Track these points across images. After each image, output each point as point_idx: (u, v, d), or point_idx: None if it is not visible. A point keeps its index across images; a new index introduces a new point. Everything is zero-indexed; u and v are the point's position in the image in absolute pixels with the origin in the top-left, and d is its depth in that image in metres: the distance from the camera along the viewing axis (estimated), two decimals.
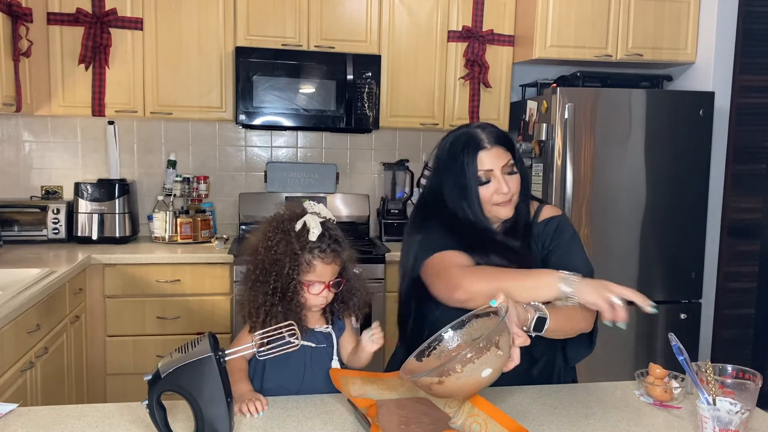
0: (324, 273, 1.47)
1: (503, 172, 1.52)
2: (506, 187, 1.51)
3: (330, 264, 1.48)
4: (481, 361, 1.15)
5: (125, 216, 3.29)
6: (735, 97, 3.35)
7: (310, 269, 1.46)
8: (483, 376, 1.16)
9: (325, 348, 1.54)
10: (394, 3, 3.36)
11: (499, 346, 1.15)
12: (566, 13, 3.31)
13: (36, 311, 2.27)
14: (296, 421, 1.32)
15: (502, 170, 1.52)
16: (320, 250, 1.46)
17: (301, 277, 1.46)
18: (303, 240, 1.45)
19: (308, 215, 1.48)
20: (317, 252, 1.46)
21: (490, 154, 1.52)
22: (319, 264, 1.46)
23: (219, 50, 3.23)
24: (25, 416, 1.31)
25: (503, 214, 1.55)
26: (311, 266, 1.46)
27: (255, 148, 3.67)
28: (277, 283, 1.45)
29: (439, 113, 3.48)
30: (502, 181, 1.52)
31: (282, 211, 1.54)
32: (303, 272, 1.46)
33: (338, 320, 1.58)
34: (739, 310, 3.43)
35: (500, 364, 1.17)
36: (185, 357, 1.15)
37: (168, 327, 3.01)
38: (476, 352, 1.14)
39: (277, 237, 1.46)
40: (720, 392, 1.30)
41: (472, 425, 1.27)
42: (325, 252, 1.46)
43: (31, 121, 3.39)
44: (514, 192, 1.54)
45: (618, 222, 3.20)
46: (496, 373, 1.17)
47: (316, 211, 1.51)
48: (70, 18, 3.07)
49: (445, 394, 1.21)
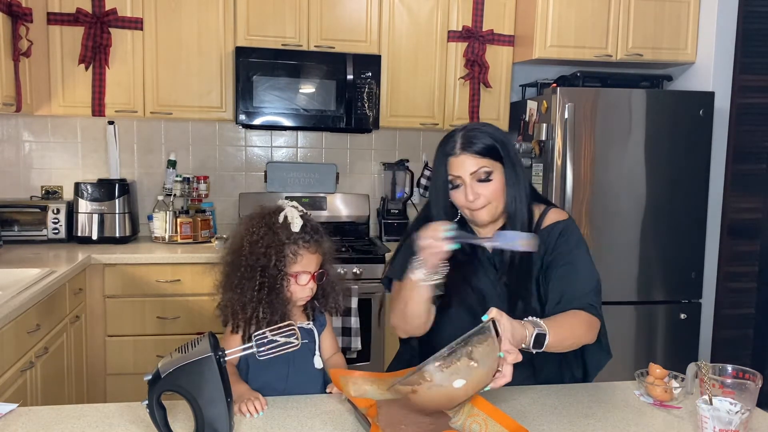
0: (309, 263, 1.50)
1: (474, 179, 1.49)
2: (471, 195, 1.49)
3: (314, 253, 1.51)
4: (451, 370, 1.14)
5: (125, 216, 3.29)
6: (735, 97, 3.35)
7: (297, 259, 1.48)
8: (455, 386, 1.15)
9: (307, 344, 1.55)
10: (394, 3, 3.36)
11: (473, 357, 1.15)
12: (566, 13, 3.31)
13: (36, 311, 2.27)
14: (296, 421, 1.32)
15: (471, 177, 1.49)
16: (304, 240, 1.49)
17: (288, 268, 1.48)
18: (287, 231, 1.48)
19: (288, 208, 1.51)
20: (302, 242, 1.49)
21: (458, 160, 1.50)
22: (305, 253, 1.49)
23: (219, 50, 3.23)
24: (25, 416, 1.31)
25: (479, 219, 1.54)
26: (297, 256, 1.48)
27: (255, 148, 3.67)
28: (264, 278, 1.46)
29: (439, 113, 3.48)
30: (469, 188, 1.49)
31: (258, 209, 1.56)
32: (290, 263, 1.48)
33: (319, 315, 1.60)
34: (739, 310, 3.43)
35: (476, 376, 1.15)
36: (185, 357, 1.15)
37: (168, 327, 3.01)
38: (443, 361, 1.14)
39: (261, 231, 1.49)
40: (719, 392, 1.30)
41: (472, 425, 1.27)
42: (309, 242, 1.49)
43: (31, 121, 3.39)
44: (489, 199, 1.50)
45: (618, 222, 3.20)
46: (473, 385, 1.16)
47: (293, 205, 1.53)
48: (70, 18, 3.07)
49: (420, 404, 1.21)
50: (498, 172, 1.51)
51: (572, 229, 1.60)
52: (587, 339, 1.48)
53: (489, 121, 3.52)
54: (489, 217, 1.53)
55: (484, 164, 1.49)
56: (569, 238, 1.57)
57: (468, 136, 1.51)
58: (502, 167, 1.51)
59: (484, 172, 1.49)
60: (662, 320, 3.30)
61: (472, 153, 1.49)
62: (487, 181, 1.50)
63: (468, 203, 1.51)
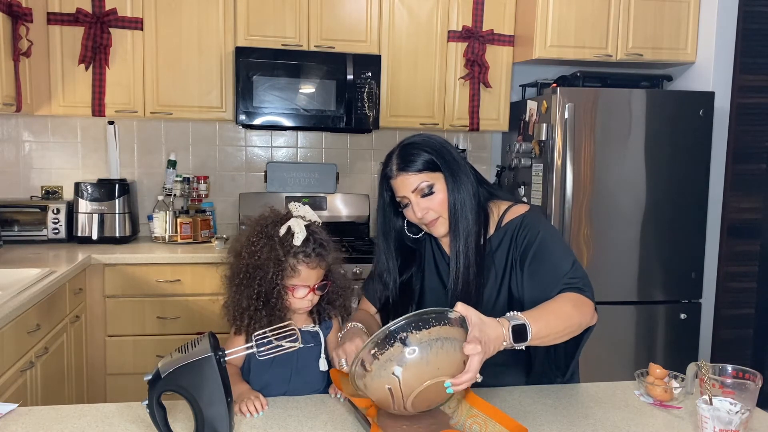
0: (309, 277, 1.46)
1: (417, 195, 1.49)
2: (419, 212, 1.49)
3: (315, 268, 1.46)
4: (386, 357, 1.12)
5: (125, 216, 3.29)
6: (735, 97, 3.35)
7: (295, 274, 1.44)
8: (395, 374, 1.12)
9: (312, 348, 1.53)
10: (394, 3, 3.36)
11: (407, 343, 1.12)
12: (566, 13, 3.31)
13: (36, 311, 2.27)
14: (296, 421, 1.32)
15: (414, 194, 1.49)
16: (305, 255, 1.44)
17: (285, 281, 1.44)
18: (287, 245, 1.43)
19: (293, 219, 1.46)
20: (302, 257, 1.44)
21: (397, 181, 1.50)
22: (303, 269, 1.45)
23: (219, 50, 3.23)
24: (25, 416, 1.31)
25: (435, 232, 1.54)
26: (296, 271, 1.44)
27: (255, 148, 3.67)
28: (261, 287, 1.43)
29: (439, 113, 3.48)
30: (415, 205, 1.49)
31: (267, 213, 1.51)
32: (287, 277, 1.44)
33: (325, 320, 1.58)
34: (739, 310, 3.43)
35: (417, 364, 1.12)
36: (185, 357, 1.15)
37: (168, 327, 3.01)
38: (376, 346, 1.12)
39: (260, 242, 1.44)
40: (719, 392, 1.30)
41: (472, 426, 1.27)
42: (310, 257, 1.44)
43: (31, 121, 3.39)
44: (438, 212, 1.49)
45: (618, 222, 3.20)
46: (414, 373, 1.12)
47: (300, 215, 1.48)
48: (70, 18, 3.07)
49: (376, 400, 1.20)
50: (440, 182, 1.49)
51: (532, 218, 1.53)
52: (581, 319, 1.36)
53: (489, 122, 3.55)
54: (444, 229, 1.52)
55: (423, 179, 1.48)
56: (530, 229, 1.51)
57: (402, 155, 1.50)
58: (443, 177, 1.50)
59: (425, 187, 1.48)
60: (662, 320, 3.30)
61: (410, 172, 1.48)
62: (431, 194, 1.49)
63: (419, 219, 1.51)
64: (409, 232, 1.61)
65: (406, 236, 1.61)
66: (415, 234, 1.61)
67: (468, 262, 1.49)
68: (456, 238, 1.49)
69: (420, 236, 1.62)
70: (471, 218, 1.49)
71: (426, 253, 1.64)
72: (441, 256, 1.62)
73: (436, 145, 1.51)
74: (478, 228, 1.51)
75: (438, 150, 1.50)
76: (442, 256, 1.62)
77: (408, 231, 1.60)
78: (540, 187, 3.24)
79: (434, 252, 1.63)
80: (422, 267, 1.64)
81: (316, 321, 1.56)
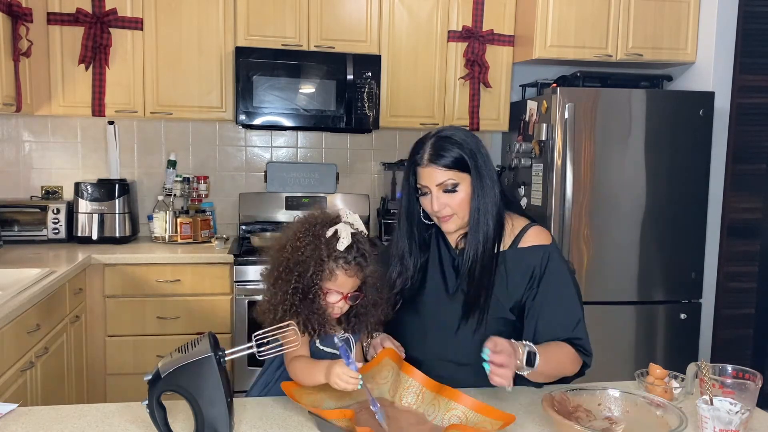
0: (344, 284, 1.45)
1: (440, 190, 1.49)
2: (437, 206, 1.49)
3: (352, 277, 1.45)
4: None
5: (125, 216, 3.29)
6: (735, 97, 3.35)
7: (332, 277, 1.43)
8: None
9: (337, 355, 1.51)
10: (394, 3, 3.36)
11: None
12: (566, 13, 3.31)
13: (36, 311, 2.27)
14: (296, 421, 1.32)
15: (437, 188, 1.49)
16: (345, 261, 1.43)
17: (322, 282, 1.44)
18: (331, 247, 1.42)
19: (341, 224, 1.45)
20: (342, 262, 1.43)
21: (425, 171, 1.50)
22: (341, 274, 1.43)
23: (219, 50, 3.23)
24: (25, 416, 1.31)
25: (445, 228, 1.55)
26: (333, 275, 1.43)
27: (255, 148, 3.67)
28: (299, 283, 1.43)
29: (439, 113, 3.48)
30: (435, 198, 1.50)
31: (317, 213, 1.51)
32: (324, 279, 1.43)
33: (356, 332, 1.57)
34: (739, 310, 3.43)
35: None
36: (185, 357, 1.15)
37: (168, 327, 3.01)
38: None
39: (306, 239, 1.44)
40: (719, 392, 1.30)
41: (451, 419, 1.29)
42: (350, 264, 1.43)
43: (31, 121, 3.39)
44: (454, 210, 1.50)
45: (618, 222, 3.20)
46: None
47: (350, 221, 1.48)
48: (70, 18, 3.07)
49: None
50: (465, 183, 1.50)
51: (557, 257, 1.55)
52: (570, 372, 1.51)
53: (489, 122, 3.55)
54: (455, 226, 1.54)
55: (450, 176, 1.49)
56: (557, 270, 1.53)
57: (437, 146, 1.50)
58: (470, 178, 1.50)
59: (450, 184, 1.49)
60: (662, 320, 3.30)
61: (439, 166, 1.48)
62: (453, 192, 1.50)
63: (434, 212, 1.52)
64: (424, 218, 1.60)
65: (421, 222, 1.61)
66: (429, 221, 1.61)
67: (483, 270, 1.51)
68: (474, 243, 1.51)
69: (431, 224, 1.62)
70: (491, 225, 1.51)
71: (431, 244, 1.64)
72: (447, 250, 1.62)
73: (472, 145, 1.51)
74: (494, 236, 1.53)
75: (472, 151, 1.50)
76: (448, 251, 1.62)
77: (423, 217, 1.60)
78: (540, 187, 3.24)
79: (440, 245, 1.63)
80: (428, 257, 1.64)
81: (347, 330, 1.55)
